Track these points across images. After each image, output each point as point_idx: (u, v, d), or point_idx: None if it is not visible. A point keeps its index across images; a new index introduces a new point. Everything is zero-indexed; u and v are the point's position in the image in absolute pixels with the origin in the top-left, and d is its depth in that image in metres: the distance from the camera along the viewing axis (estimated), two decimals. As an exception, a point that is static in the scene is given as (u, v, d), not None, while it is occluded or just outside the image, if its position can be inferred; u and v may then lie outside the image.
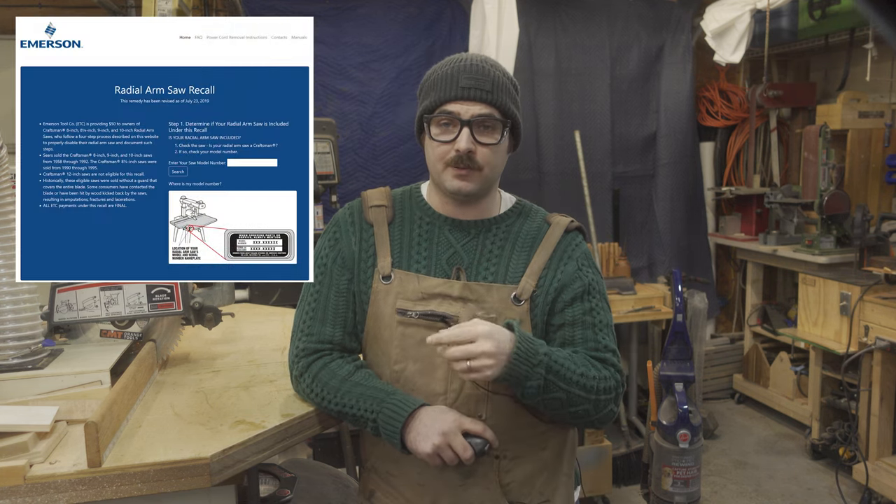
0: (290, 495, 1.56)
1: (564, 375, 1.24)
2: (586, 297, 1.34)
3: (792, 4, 4.06)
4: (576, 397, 1.26)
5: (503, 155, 1.35)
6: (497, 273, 1.33)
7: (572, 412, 1.27)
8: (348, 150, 4.00)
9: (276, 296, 3.12)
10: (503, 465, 1.33)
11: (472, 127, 1.28)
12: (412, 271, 1.34)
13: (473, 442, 1.23)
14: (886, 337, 3.09)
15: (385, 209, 1.40)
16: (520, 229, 1.38)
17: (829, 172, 3.78)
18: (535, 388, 1.22)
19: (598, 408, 1.30)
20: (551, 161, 4.25)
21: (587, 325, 1.33)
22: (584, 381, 1.26)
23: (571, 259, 1.36)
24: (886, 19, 0.55)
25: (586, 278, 1.35)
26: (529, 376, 1.20)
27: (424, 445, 1.21)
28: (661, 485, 3.01)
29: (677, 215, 4.54)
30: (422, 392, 1.31)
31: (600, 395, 1.29)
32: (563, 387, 1.24)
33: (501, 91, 1.30)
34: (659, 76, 4.51)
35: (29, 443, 1.13)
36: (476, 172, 1.30)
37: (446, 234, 1.36)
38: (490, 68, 1.31)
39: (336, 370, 1.34)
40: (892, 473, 3.12)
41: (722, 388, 4.56)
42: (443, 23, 4.16)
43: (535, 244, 1.36)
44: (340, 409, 1.30)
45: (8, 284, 1.43)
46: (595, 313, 1.34)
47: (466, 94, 1.27)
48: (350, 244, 1.39)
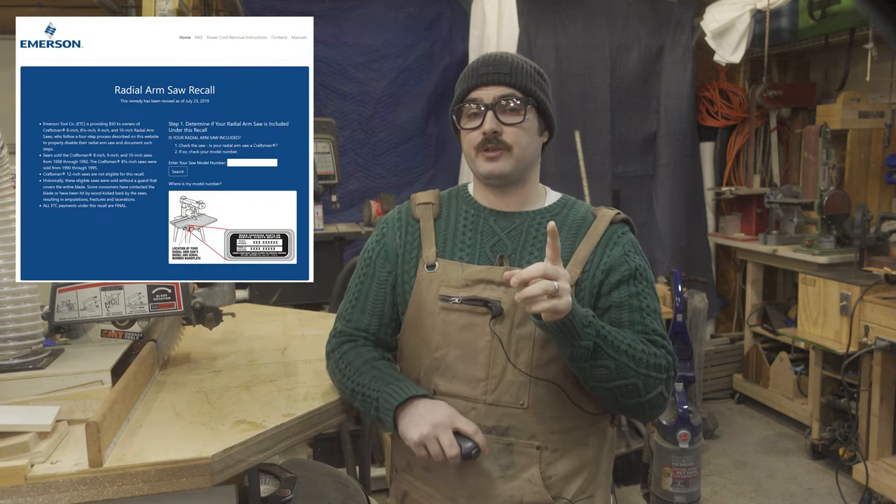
0: (290, 495, 1.56)
1: (613, 342, 1.22)
2: (633, 281, 1.33)
3: (792, 4, 4.06)
4: (625, 367, 1.23)
5: (533, 136, 1.36)
6: (541, 259, 1.29)
7: (620, 386, 1.24)
8: (348, 150, 4.00)
9: (276, 296, 3.12)
10: (545, 458, 1.32)
11: (496, 109, 1.32)
12: (456, 259, 1.36)
13: (463, 442, 1.21)
14: (886, 337, 3.09)
15: (432, 206, 1.44)
16: (564, 219, 1.38)
17: (829, 172, 3.78)
18: (585, 350, 1.19)
19: (648, 386, 1.26)
20: (551, 161, 4.25)
21: (634, 309, 1.32)
22: (634, 353, 1.24)
23: (618, 245, 1.35)
24: (886, 19, 0.56)
25: (633, 263, 1.34)
26: (582, 335, 1.18)
27: (413, 432, 1.22)
28: (661, 485, 3.01)
29: (677, 215, 4.54)
30: (462, 378, 1.32)
31: (651, 371, 1.26)
32: (612, 354, 1.21)
33: (520, 73, 1.34)
34: (659, 76, 4.51)
35: (30, 443, 1.13)
36: (506, 153, 1.33)
37: (491, 224, 1.38)
38: (510, 56, 1.36)
39: (363, 353, 1.40)
40: (892, 473, 3.13)
41: (722, 388, 4.56)
42: (443, 23, 4.16)
43: (581, 233, 1.36)
44: (354, 386, 1.34)
45: (8, 284, 1.43)
46: (642, 297, 1.33)
47: (486, 79, 1.33)
48: (394, 238, 1.43)
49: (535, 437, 1.31)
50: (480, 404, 1.32)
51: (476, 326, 1.32)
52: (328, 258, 3.30)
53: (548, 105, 1.38)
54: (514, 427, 1.31)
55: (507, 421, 1.31)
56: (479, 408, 1.31)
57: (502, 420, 1.31)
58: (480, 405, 1.31)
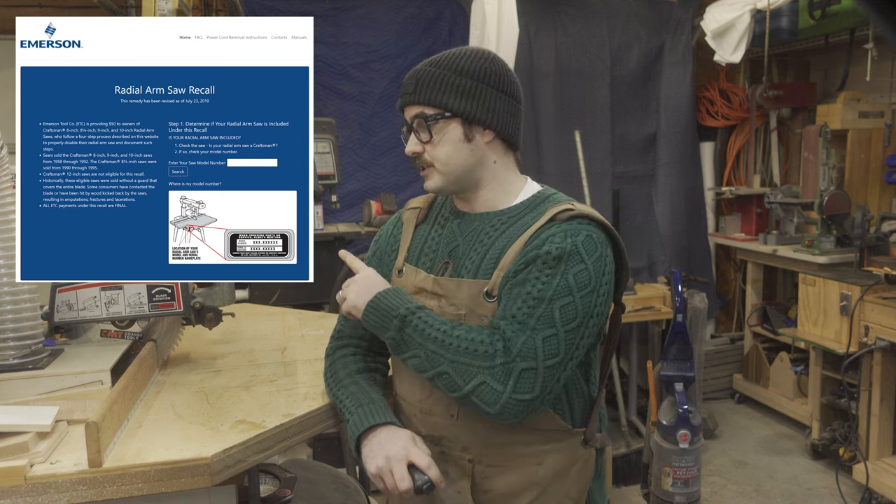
0: (290, 495, 1.56)
1: (424, 331, 1.20)
2: (530, 267, 1.19)
3: (792, 4, 4.06)
4: (433, 355, 1.18)
5: (454, 146, 1.28)
6: (473, 266, 1.28)
7: (434, 376, 1.19)
8: (348, 150, 4.00)
9: (276, 296, 3.12)
10: (479, 471, 1.28)
11: (415, 129, 1.31)
12: (420, 266, 1.36)
13: (417, 476, 1.20)
14: (886, 337, 3.09)
15: (419, 210, 1.44)
16: (518, 220, 1.29)
17: (829, 172, 3.78)
18: (392, 340, 1.24)
19: (462, 374, 1.16)
20: (551, 161, 4.25)
21: (513, 297, 1.19)
22: (445, 339, 1.18)
23: (538, 239, 1.21)
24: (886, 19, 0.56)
25: (542, 249, 1.18)
26: (385, 327, 1.24)
27: (370, 464, 1.23)
28: (661, 485, 3.01)
29: (677, 215, 4.54)
30: (407, 383, 1.35)
31: (463, 358, 1.16)
32: (419, 342, 1.20)
33: (426, 86, 1.28)
34: (659, 76, 4.51)
35: (30, 443, 1.13)
36: (431, 169, 1.32)
37: (454, 228, 1.36)
38: (424, 67, 1.30)
39: (349, 364, 1.41)
40: (892, 473, 3.12)
41: (722, 388, 4.56)
42: (443, 23, 4.17)
43: (522, 235, 1.25)
44: (335, 399, 1.36)
45: (8, 284, 1.43)
46: (530, 284, 1.17)
47: (403, 101, 1.33)
48: (386, 243, 1.46)
49: (466, 449, 1.28)
50: (418, 411, 1.33)
51: None
52: (328, 258, 3.30)
53: (469, 108, 1.26)
54: (446, 437, 1.30)
55: (440, 430, 1.30)
56: (417, 415, 1.33)
57: (434, 429, 1.31)
58: (418, 412, 1.33)
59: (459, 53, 1.31)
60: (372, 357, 1.45)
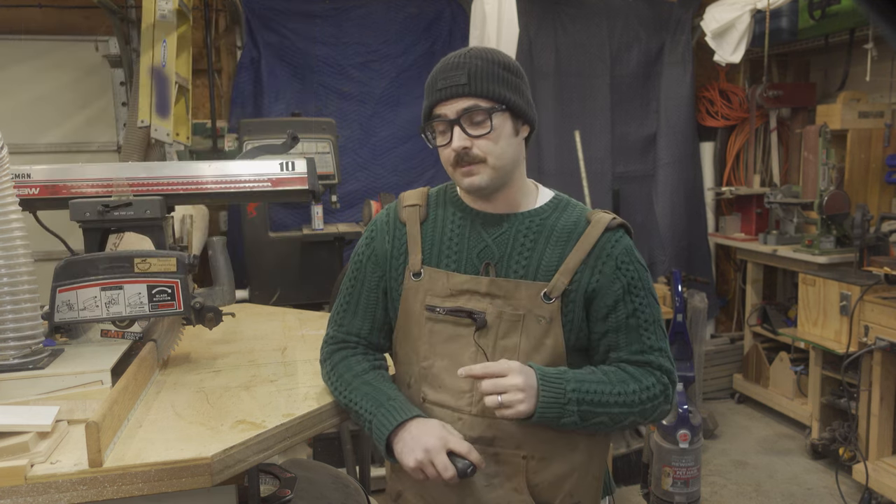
0: (290, 495, 1.56)
1: (600, 401, 1.24)
2: (628, 297, 1.30)
3: (792, 4, 4.06)
4: (619, 416, 1.26)
5: (508, 140, 1.30)
6: (528, 269, 1.30)
7: (620, 426, 1.29)
8: (348, 150, 4.00)
9: (276, 296, 3.12)
10: (531, 466, 1.30)
11: (462, 123, 1.27)
12: (442, 268, 1.34)
13: (458, 462, 1.21)
14: (886, 337, 3.09)
15: (419, 208, 1.41)
16: (555, 223, 1.32)
17: (829, 172, 3.78)
18: (571, 424, 1.23)
19: (647, 415, 1.30)
20: (551, 161, 4.25)
21: (631, 329, 1.30)
22: (624, 399, 1.26)
23: (610, 258, 1.30)
24: (886, 19, 0.56)
25: (626, 276, 1.30)
26: (562, 414, 1.22)
27: (408, 459, 1.22)
28: (661, 485, 3.01)
29: (677, 215, 4.54)
30: (449, 389, 1.32)
31: (646, 405, 1.28)
32: (601, 411, 1.25)
33: (480, 78, 1.26)
34: (659, 76, 4.51)
35: (30, 443, 1.13)
36: (481, 165, 1.28)
37: (478, 229, 1.35)
38: (468, 60, 1.27)
39: (353, 365, 1.39)
40: (892, 473, 3.12)
41: (722, 388, 4.56)
42: (443, 23, 4.16)
43: (572, 240, 1.30)
44: (347, 402, 1.35)
45: (8, 285, 1.43)
46: (640, 313, 1.31)
47: (445, 93, 1.27)
48: (383, 243, 1.41)
49: (520, 446, 1.30)
50: (466, 415, 1.31)
51: (461, 337, 1.32)
52: (328, 258, 3.30)
53: (519, 102, 1.30)
54: (499, 437, 1.30)
55: (492, 432, 1.30)
56: (464, 418, 1.31)
57: (487, 431, 1.30)
58: (466, 416, 1.31)
59: (489, 49, 1.31)
60: (372, 355, 1.44)
